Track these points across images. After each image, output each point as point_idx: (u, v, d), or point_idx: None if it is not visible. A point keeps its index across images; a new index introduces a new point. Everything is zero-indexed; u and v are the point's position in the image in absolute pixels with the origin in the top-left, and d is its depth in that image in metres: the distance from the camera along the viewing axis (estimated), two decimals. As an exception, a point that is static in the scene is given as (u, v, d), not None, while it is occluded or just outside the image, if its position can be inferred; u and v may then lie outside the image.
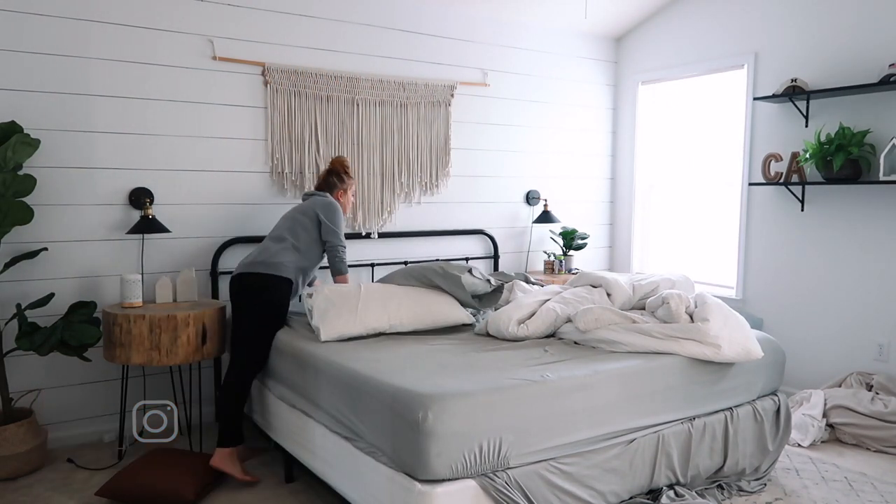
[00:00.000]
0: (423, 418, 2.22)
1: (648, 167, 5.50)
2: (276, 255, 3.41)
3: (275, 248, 3.44)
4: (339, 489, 2.72)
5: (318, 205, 3.57)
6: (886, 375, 3.91)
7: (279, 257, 3.40)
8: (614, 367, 2.75)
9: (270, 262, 3.39)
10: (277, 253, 3.42)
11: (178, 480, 2.94)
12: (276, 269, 3.38)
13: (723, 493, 3.02)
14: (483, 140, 4.97)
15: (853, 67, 4.07)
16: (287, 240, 3.47)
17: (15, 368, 3.49)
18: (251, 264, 3.40)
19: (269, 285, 3.37)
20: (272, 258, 3.39)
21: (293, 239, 3.47)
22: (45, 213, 3.51)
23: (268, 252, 3.43)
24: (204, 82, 3.90)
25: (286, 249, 3.44)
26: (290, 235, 3.48)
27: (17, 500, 3.03)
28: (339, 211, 3.60)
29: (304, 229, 3.51)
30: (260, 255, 3.42)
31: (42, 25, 3.47)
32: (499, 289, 3.70)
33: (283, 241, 3.46)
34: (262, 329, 3.33)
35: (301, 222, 3.52)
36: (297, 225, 3.52)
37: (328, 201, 3.61)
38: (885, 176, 3.81)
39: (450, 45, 4.76)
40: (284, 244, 3.45)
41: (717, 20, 4.83)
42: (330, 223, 3.52)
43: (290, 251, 3.44)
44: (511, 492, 2.34)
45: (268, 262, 3.39)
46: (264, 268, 3.37)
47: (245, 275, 3.39)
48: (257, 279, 3.36)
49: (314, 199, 3.61)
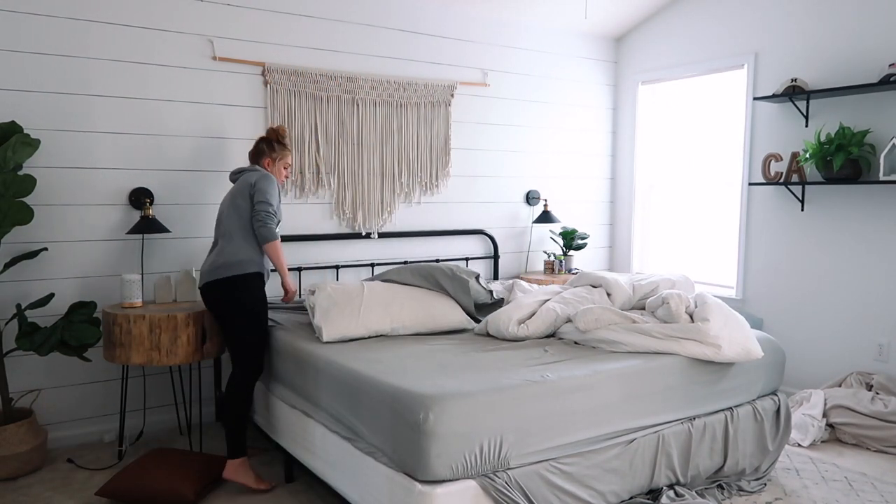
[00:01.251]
0: (423, 419, 2.22)
1: (648, 167, 5.50)
2: (234, 253, 3.18)
3: (230, 248, 3.20)
4: (339, 489, 2.71)
5: (249, 179, 3.28)
6: (886, 375, 3.91)
7: (237, 255, 3.18)
8: (614, 367, 2.75)
9: (231, 262, 3.17)
10: (234, 251, 3.19)
11: (178, 480, 2.94)
12: (239, 269, 3.17)
13: (723, 493, 3.02)
14: (483, 140, 4.97)
15: (853, 67, 4.07)
16: (236, 233, 3.22)
17: (15, 368, 3.49)
18: (213, 270, 3.18)
19: (238, 286, 3.17)
20: (231, 258, 3.17)
21: (241, 230, 3.22)
22: (45, 213, 3.51)
23: (224, 253, 3.20)
24: (204, 82, 3.90)
25: (240, 243, 3.20)
26: (237, 226, 3.23)
27: (17, 500, 3.03)
28: (271, 179, 3.30)
29: (247, 213, 3.24)
30: (218, 257, 3.20)
31: (42, 25, 3.47)
32: (498, 302, 3.68)
33: (233, 236, 3.22)
34: (250, 331, 3.20)
35: (240, 207, 3.24)
36: (238, 211, 3.24)
37: (260, 173, 3.32)
38: (885, 176, 3.81)
39: (449, 44, 4.76)
40: (236, 239, 3.21)
41: (717, 20, 4.83)
42: (259, 189, 3.22)
43: (243, 243, 3.21)
44: (511, 492, 2.34)
45: (228, 264, 3.17)
46: (227, 270, 3.16)
47: (211, 284, 3.19)
48: (225, 284, 3.16)
49: (245, 176, 3.33)
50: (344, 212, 4.39)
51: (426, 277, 3.56)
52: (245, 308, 3.19)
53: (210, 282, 3.19)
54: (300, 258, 4.28)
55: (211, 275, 3.18)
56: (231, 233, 3.23)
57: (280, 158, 3.47)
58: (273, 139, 3.47)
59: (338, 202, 4.38)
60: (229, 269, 3.16)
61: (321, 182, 4.30)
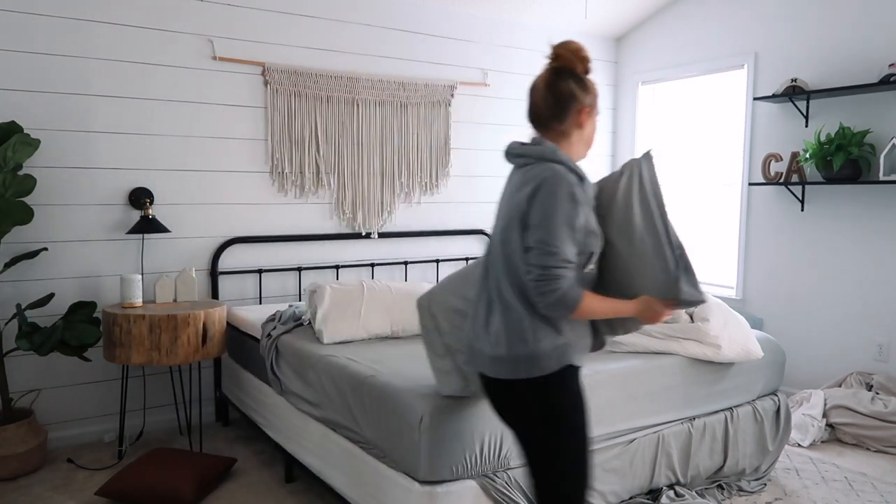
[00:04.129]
0: (423, 419, 2.21)
1: (648, 167, 5.49)
2: (518, 335, 1.83)
3: (510, 324, 1.85)
4: (339, 489, 2.71)
5: (526, 186, 1.86)
6: (886, 375, 3.91)
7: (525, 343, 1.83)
8: (614, 367, 2.75)
9: (516, 355, 1.83)
10: (517, 331, 1.84)
11: (178, 480, 2.94)
12: (529, 368, 1.83)
13: (723, 493, 3.02)
14: (483, 140, 4.97)
15: (853, 67, 4.07)
16: (513, 296, 1.86)
17: (15, 368, 3.49)
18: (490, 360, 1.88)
19: (533, 390, 1.85)
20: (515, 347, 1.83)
21: (518, 290, 1.85)
22: (45, 213, 3.51)
23: (499, 332, 1.86)
24: (204, 82, 3.90)
25: (522, 316, 1.84)
26: (512, 282, 1.86)
27: (17, 500, 3.03)
28: (562, 184, 1.82)
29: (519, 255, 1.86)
30: (489, 337, 1.88)
31: (42, 25, 3.46)
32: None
33: (508, 300, 1.86)
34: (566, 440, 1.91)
35: (511, 242, 1.88)
36: (508, 251, 1.89)
37: (546, 171, 1.85)
38: (885, 176, 3.81)
39: (450, 45, 4.76)
40: (513, 306, 1.85)
41: (717, 20, 4.83)
42: (539, 210, 1.81)
43: (528, 317, 1.84)
44: (511, 492, 2.34)
45: (512, 358, 1.84)
46: (509, 368, 1.84)
47: (493, 382, 1.92)
48: (510, 388, 1.88)
49: (526, 174, 1.89)
50: (344, 212, 4.39)
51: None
52: (552, 414, 1.88)
53: (491, 379, 1.92)
54: (300, 258, 4.28)
55: (486, 365, 1.90)
56: (502, 292, 1.89)
57: (593, 106, 2.02)
58: (581, 69, 1.98)
59: (338, 202, 4.38)
60: (514, 368, 1.84)
61: (321, 182, 4.30)
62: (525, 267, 1.81)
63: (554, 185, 1.81)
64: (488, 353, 1.87)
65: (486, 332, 1.89)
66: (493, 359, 1.86)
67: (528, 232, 1.81)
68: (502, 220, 1.93)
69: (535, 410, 1.86)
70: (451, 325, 2.26)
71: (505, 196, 1.97)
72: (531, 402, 1.86)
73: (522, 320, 1.83)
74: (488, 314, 1.90)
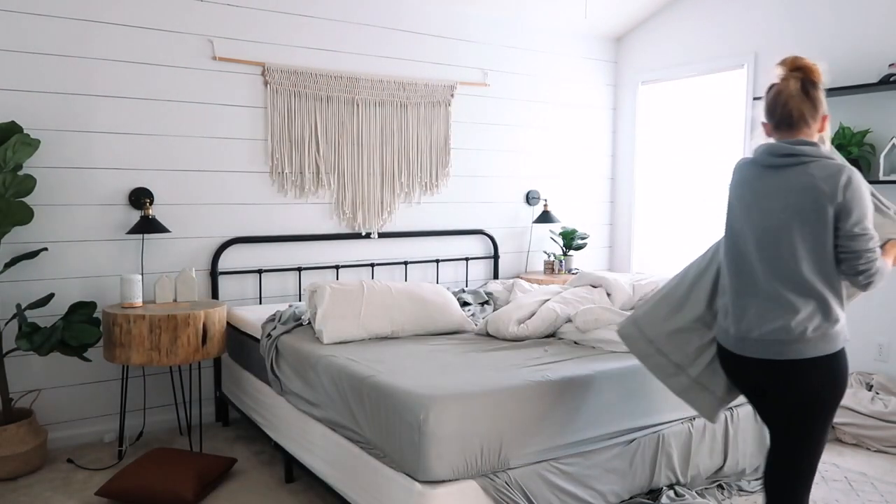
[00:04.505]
0: (423, 420, 2.22)
1: (648, 167, 5.50)
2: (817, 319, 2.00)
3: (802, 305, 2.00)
4: (339, 489, 2.71)
5: (827, 182, 1.99)
6: (886, 375, 3.91)
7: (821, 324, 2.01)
8: (614, 367, 2.75)
9: (808, 336, 1.99)
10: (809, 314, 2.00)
11: (178, 480, 2.94)
12: (818, 347, 2.00)
13: (723, 493, 3.03)
14: (483, 140, 4.97)
15: (853, 67, 4.07)
16: (813, 281, 2.00)
17: (15, 368, 3.49)
18: (768, 344, 2.03)
19: (819, 371, 2.03)
20: (816, 329, 2.00)
21: (821, 277, 2.01)
22: (45, 213, 3.51)
23: (790, 317, 2.00)
24: (204, 82, 3.90)
25: (820, 298, 2.01)
26: (813, 269, 2.01)
27: (17, 500, 3.03)
28: (861, 177, 2.04)
29: (822, 244, 2.00)
30: (777, 320, 2.02)
31: (42, 25, 3.46)
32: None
33: (805, 285, 2.01)
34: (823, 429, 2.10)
35: (814, 233, 2.00)
36: (809, 238, 2.00)
37: (845, 167, 2.03)
38: (885, 176, 3.81)
39: (450, 45, 4.76)
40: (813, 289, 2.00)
41: (717, 20, 4.83)
42: (856, 203, 1.99)
43: (826, 299, 2.01)
44: (511, 492, 2.34)
45: (802, 338, 1.99)
46: (797, 349, 2.00)
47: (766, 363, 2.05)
48: (792, 368, 2.03)
49: (810, 169, 2.02)
50: (344, 212, 4.39)
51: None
52: (834, 388, 2.04)
53: (765, 360, 2.05)
54: (300, 258, 4.28)
55: (764, 349, 2.05)
56: (800, 275, 2.01)
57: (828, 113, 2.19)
58: (814, 75, 2.21)
59: (338, 202, 4.38)
60: (801, 348, 2.00)
61: (321, 182, 4.30)
62: (849, 253, 2.00)
63: (859, 178, 2.03)
64: (795, 336, 2.00)
65: (784, 320, 2.02)
66: (804, 340, 2.00)
67: (847, 221, 1.99)
68: (791, 217, 2.03)
69: (824, 384, 2.03)
70: (675, 345, 2.40)
71: (770, 197, 2.08)
72: (822, 376, 2.03)
73: (828, 301, 2.02)
74: (777, 305, 2.03)
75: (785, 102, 2.14)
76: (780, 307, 2.03)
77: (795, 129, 2.13)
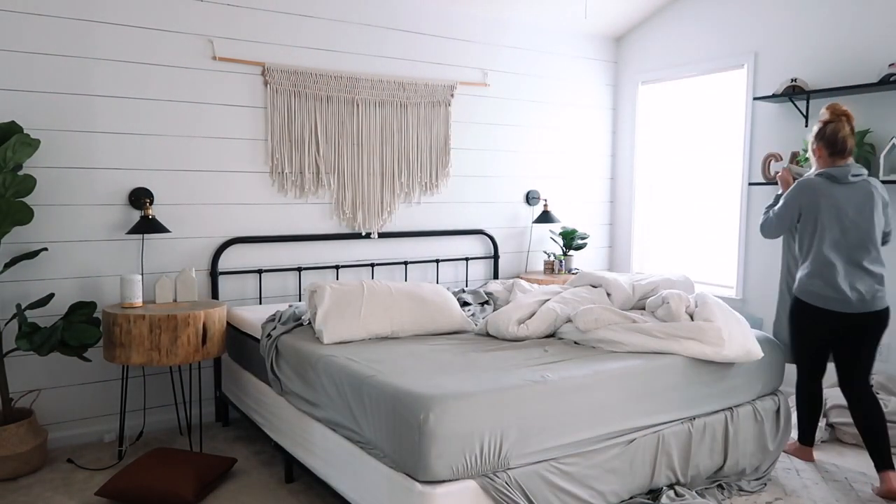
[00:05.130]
0: (423, 420, 2.22)
1: (648, 167, 5.50)
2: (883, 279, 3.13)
3: (881, 271, 3.11)
4: (339, 489, 2.72)
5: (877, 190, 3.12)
6: (886, 375, 3.91)
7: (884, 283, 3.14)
8: (614, 367, 2.75)
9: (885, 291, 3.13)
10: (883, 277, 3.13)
11: (178, 480, 2.94)
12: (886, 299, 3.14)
13: (723, 492, 3.02)
14: (483, 140, 4.97)
15: (853, 67, 4.07)
16: (880, 255, 3.12)
17: (15, 368, 3.49)
18: (878, 299, 3.08)
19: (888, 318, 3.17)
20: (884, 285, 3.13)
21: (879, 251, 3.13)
22: (45, 213, 3.51)
23: (882, 278, 3.11)
24: (204, 82, 3.90)
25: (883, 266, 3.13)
26: (878, 247, 3.12)
27: (17, 500, 3.03)
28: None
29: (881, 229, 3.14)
30: (879, 283, 3.10)
31: (42, 25, 3.47)
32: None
33: (878, 257, 3.11)
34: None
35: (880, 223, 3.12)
36: (879, 226, 3.11)
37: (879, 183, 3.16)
38: (885, 176, 3.81)
39: (450, 45, 4.76)
40: (881, 260, 3.12)
41: (717, 20, 4.83)
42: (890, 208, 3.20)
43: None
44: (511, 492, 2.34)
45: (884, 293, 3.12)
46: (884, 300, 3.12)
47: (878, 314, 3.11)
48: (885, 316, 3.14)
49: (869, 182, 3.12)
50: (344, 212, 4.39)
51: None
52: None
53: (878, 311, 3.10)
54: (300, 258, 4.28)
55: (881, 302, 3.10)
56: (871, 257, 3.08)
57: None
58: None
59: (338, 202, 4.38)
60: (885, 299, 3.13)
61: (321, 182, 4.30)
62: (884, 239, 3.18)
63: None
64: (881, 294, 3.09)
65: (874, 283, 3.07)
66: (884, 296, 3.11)
67: (886, 220, 3.16)
68: (867, 215, 3.06)
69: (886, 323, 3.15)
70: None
71: (849, 203, 3.07)
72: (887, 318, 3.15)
73: (884, 271, 3.13)
74: (871, 274, 3.08)
75: (842, 138, 3.12)
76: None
77: (848, 155, 3.15)
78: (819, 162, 3.16)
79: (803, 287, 3.15)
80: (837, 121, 3.08)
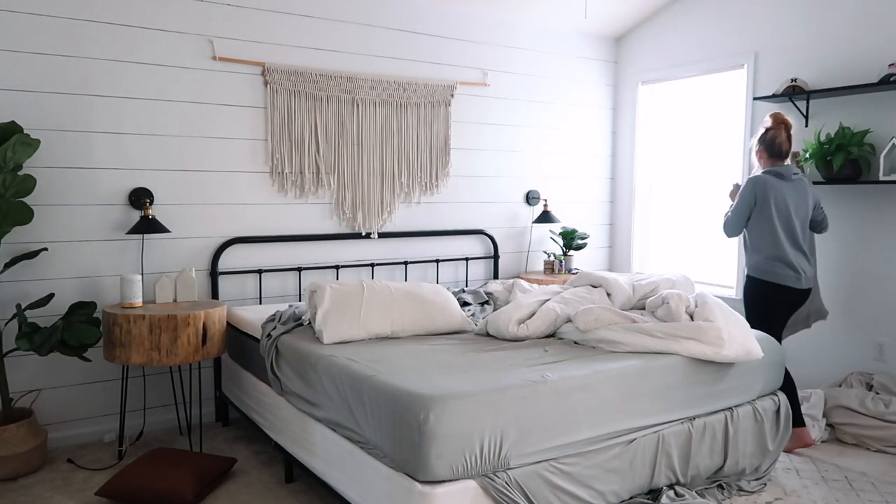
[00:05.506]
0: (423, 420, 2.22)
1: (648, 167, 5.50)
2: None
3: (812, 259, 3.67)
4: (339, 489, 2.72)
5: (811, 187, 3.63)
6: (886, 375, 3.91)
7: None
8: (614, 367, 2.75)
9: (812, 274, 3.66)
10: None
11: (178, 480, 2.94)
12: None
13: (723, 492, 3.02)
14: (483, 140, 4.97)
15: (853, 67, 4.07)
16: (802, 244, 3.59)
17: (15, 368, 3.49)
18: (809, 279, 3.58)
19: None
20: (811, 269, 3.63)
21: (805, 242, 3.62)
22: (45, 213, 3.51)
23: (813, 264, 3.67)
24: (204, 82, 3.90)
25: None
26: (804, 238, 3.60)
27: (17, 500, 3.03)
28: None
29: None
30: (811, 268, 3.61)
31: (41, 25, 3.47)
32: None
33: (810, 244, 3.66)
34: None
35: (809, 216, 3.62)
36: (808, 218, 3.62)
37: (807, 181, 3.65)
38: (885, 176, 3.81)
39: (449, 44, 4.76)
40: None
41: (717, 20, 4.83)
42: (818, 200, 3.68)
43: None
44: (511, 492, 2.34)
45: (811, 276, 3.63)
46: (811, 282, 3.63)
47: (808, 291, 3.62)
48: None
49: (804, 183, 3.60)
50: (344, 212, 4.39)
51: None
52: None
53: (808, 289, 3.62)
54: (300, 258, 4.29)
55: (810, 281, 3.61)
56: (808, 242, 3.63)
57: None
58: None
59: (338, 202, 4.38)
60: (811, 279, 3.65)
61: (321, 182, 4.30)
62: (821, 225, 3.71)
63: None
64: (811, 274, 3.58)
65: (809, 264, 3.57)
66: (811, 276, 3.62)
67: (818, 210, 3.65)
68: (803, 207, 3.54)
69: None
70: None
71: (791, 196, 3.52)
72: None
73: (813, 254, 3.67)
74: (806, 256, 3.56)
75: (783, 142, 3.56)
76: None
77: (786, 157, 3.59)
78: (761, 162, 3.61)
79: (763, 268, 3.52)
80: (777, 128, 3.53)
